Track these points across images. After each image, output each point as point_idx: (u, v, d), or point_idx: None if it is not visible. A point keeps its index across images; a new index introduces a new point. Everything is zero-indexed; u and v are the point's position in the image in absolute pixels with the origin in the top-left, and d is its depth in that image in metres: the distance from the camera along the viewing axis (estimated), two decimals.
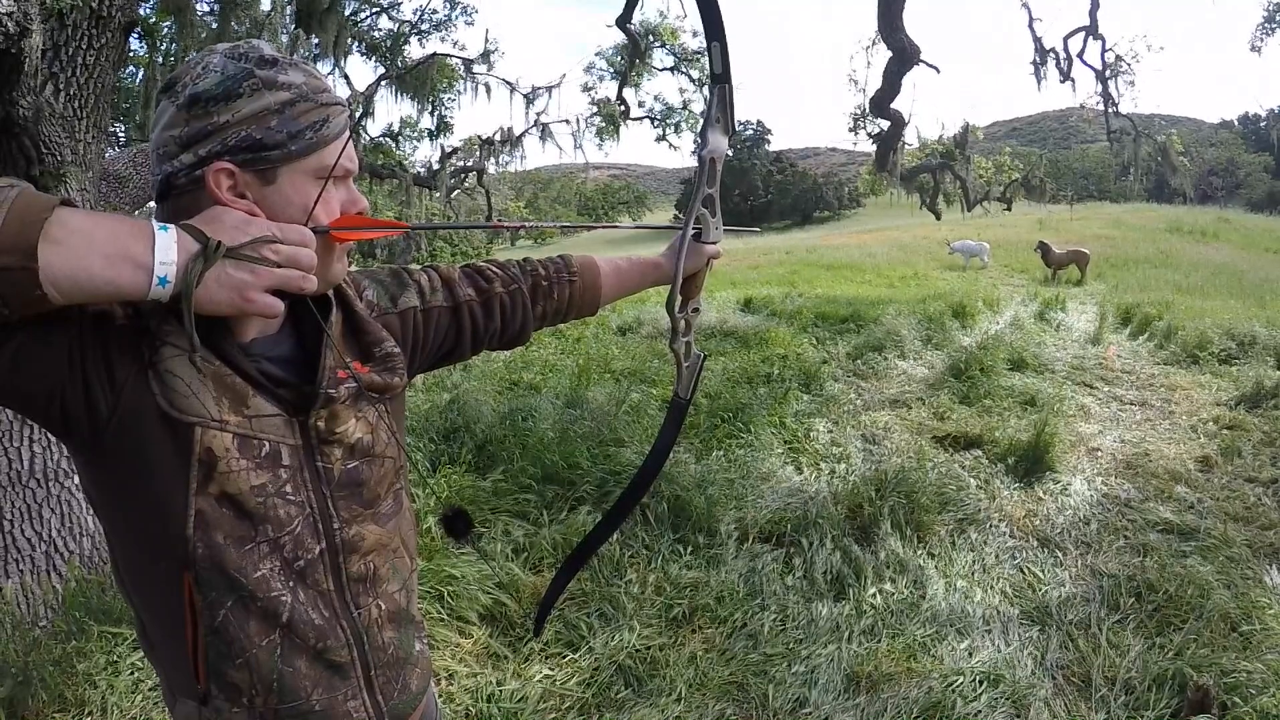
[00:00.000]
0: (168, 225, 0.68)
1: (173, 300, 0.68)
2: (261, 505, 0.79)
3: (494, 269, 1.11)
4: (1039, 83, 13.77)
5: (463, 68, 12.90)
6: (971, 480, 4.02)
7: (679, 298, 1.15)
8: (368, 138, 12.50)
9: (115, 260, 0.65)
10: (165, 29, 7.99)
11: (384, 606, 0.91)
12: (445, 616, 2.65)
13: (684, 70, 13.67)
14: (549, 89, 14.11)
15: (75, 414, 0.73)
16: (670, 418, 1.25)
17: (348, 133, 0.83)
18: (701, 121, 1.13)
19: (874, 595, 2.94)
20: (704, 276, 1.23)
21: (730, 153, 1.14)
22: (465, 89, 13.06)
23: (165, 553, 0.78)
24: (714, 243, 1.19)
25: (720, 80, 1.08)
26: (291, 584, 0.82)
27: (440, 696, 2.30)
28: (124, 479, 0.77)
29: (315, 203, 0.79)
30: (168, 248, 0.67)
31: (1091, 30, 12.72)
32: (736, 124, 1.16)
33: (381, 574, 0.91)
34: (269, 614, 0.81)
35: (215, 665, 0.80)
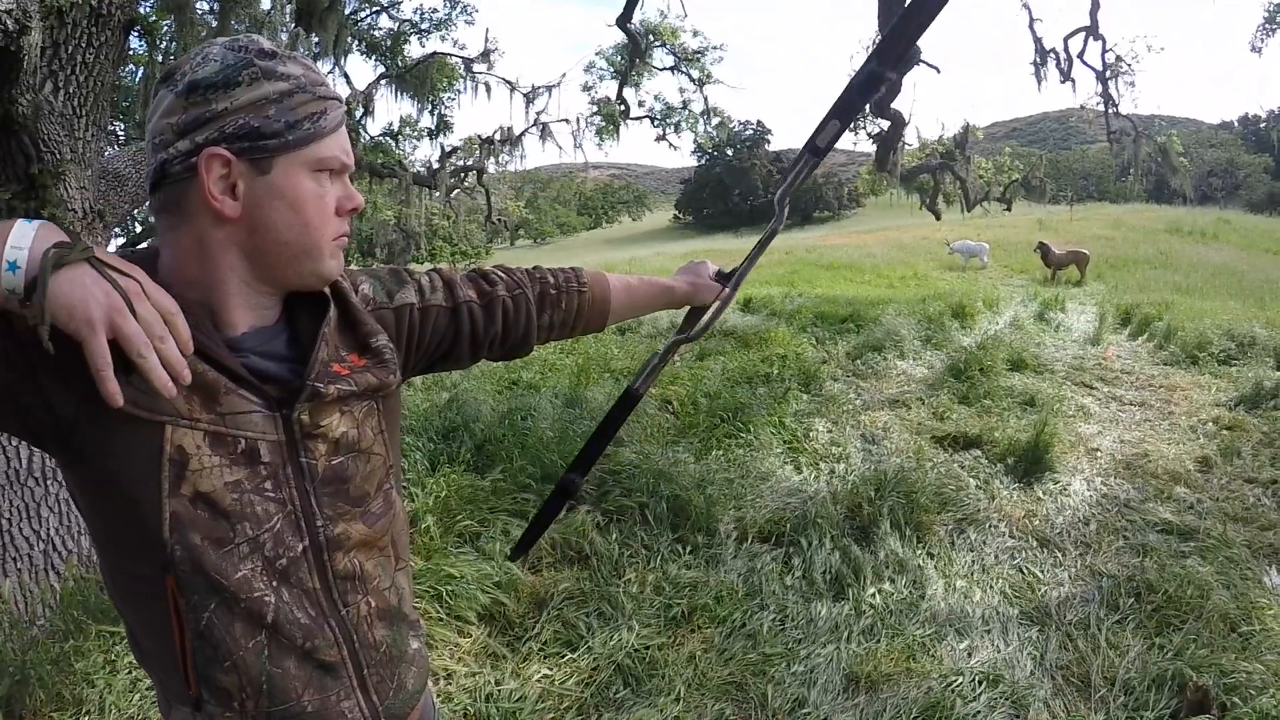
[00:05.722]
0: (36, 219, 0.68)
1: (28, 292, 0.65)
2: (237, 502, 0.77)
3: (499, 273, 1.09)
4: (1039, 83, 13.77)
5: (463, 67, 12.92)
6: (971, 480, 4.02)
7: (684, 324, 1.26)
8: (368, 136, 12.50)
9: None
10: (165, 27, 7.97)
11: (374, 603, 0.89)
12: (444, 616, 2.65)
13: (684, 70, 13.69)
14: (549, 88, 14.13)
15: (37, 420, 0.72)
16: (622, 404, 1.23)
17: (344, 127, 0.83)
18: (781, 191, 1.20)
19: (873, 595, 2.94)
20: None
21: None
22: (465, 88, 13.10)
23: (145, 557, 0.76)
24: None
25: (817, 154, 1.13)
26: (275, 584, 0.80)
27: (438, 696, 2.30)
28: (98, 482, 0.76)
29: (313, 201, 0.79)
30: (24, 235, 0.66)
31: (1092, 31, 12.71)
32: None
33: (369, 571, 0.88)
34: (253, 615, 0.79)
35: (204, 670, 0.79)
